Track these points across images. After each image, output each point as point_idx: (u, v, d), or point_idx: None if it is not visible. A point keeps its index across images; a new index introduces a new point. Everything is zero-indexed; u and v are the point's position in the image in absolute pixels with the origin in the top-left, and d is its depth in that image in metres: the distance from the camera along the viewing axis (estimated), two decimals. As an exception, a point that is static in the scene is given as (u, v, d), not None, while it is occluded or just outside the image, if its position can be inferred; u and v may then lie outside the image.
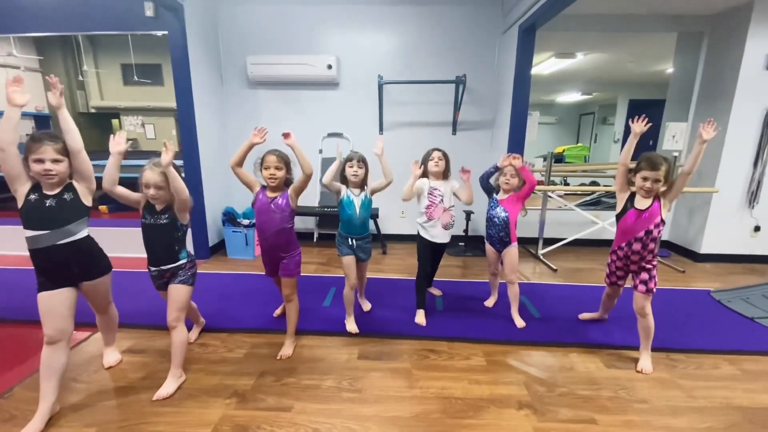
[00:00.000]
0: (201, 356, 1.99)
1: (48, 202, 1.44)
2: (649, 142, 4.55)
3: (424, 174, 2.31)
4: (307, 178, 1.86)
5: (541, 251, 3.65)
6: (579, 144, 10.09)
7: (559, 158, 8.79)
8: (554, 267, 3.39)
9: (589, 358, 2.02)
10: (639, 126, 1.83)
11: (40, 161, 1.40)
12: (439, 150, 2.31)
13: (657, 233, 1.82)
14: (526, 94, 3.25)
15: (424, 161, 2.33)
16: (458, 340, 2.16)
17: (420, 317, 2.33)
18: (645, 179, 1.77)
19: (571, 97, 9.28)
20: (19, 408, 1.59)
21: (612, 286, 2.13)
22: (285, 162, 1.89)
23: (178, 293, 1.70)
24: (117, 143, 1.60)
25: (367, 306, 2.49)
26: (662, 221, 1.80)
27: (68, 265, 1.52)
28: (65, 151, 1.45)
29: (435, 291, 2.75)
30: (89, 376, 1.81)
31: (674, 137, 3.75)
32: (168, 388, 1.68)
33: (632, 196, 1.89)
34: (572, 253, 3.77)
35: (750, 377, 1.87)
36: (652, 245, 1.85)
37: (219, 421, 1.53)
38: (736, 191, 3.43)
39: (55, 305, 1.49)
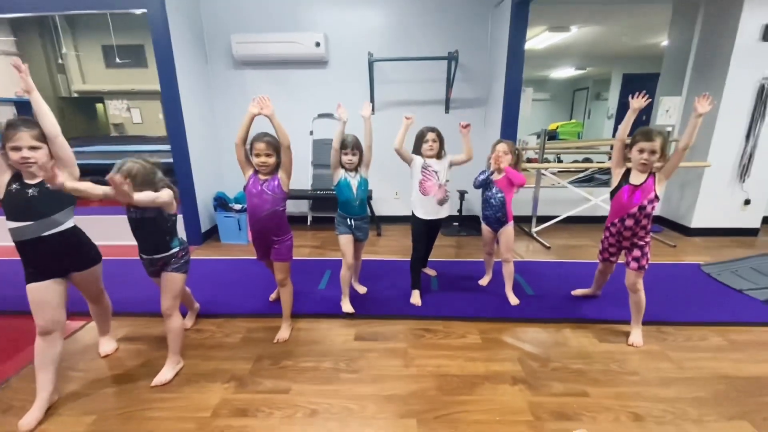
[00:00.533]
0: (197, 342, 1.99)
1: (30, 192, 1.40)
2: (642, 117, 4.50)
3: (417, 151, 2.29)
4: (287, 149, 1.83)
5: (534, 229, 3.67)
6: (573, 120, 10.04)
7: (552, 135, 8.74)
8: (548, 245, 3.41)
9: (582, 333, 2.05)
10: (638, 101, 1.83)
11: (17, 149, 1.34)
12: (432, 131, 2.26)
13: (651, 209, 1.82)
14: (519, 70, 3.18)
15: (418, 141, 2.29)
16: (453, 319, 2.18)
17: (415, 298, 2.34)
18: (641, 151, 1.77)
19: (564, 72, 9.16)
20: (16, 398, 1.59)
21: (605, 262, 2.15)
22: (275, 148, 1.84)
23: (172, 282, 1.68)
24: (53, 178, 1.28)
25: (362, 290, 2.50)
26: (656, 197, 1.81)
27: (56, 256, 1.49)
28: (43, 137, 1.39)
29: (430, 271, 2.76)
30: (86, 365, 1.81)
31: (668, 111, 3.74)
32: (166, 374, 1.68)
33: (627, 172, 1.88)
34: (565, 230, 3.79)
35: (737, 347, 1.92)
36: (645, 221, 1.85)
37: (218, 405, 1.54)
38: (728, 165, 3.44)
39: (46, 297, 1.47)
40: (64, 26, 6.83)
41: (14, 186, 1.39)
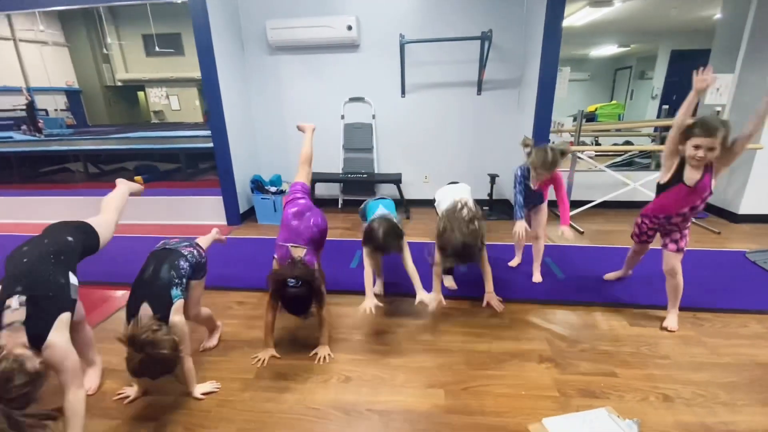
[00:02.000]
0: (242, 313, 2.15)
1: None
2: (673, 96, 4.24)
3: None
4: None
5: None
6: (613, 102, 9.53)
7: (590, 117, 8.38)
8: (581, 229, 3.34)
9: (613, 316, 2.04)
10: (702, 81, 1.54)
11: None
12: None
13: (702, 206, 1.72)
14: (556, 49, 3.07)
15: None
16: (481, 300, 2.21)
17: (449, 281, 2.36)
18: (697, 147, 1.56)
19: (606, 50, 8.67)
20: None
21: (641, 244, 2.10)
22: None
23: (192, 290, 1.63)
24: None
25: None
26: (710, 192, 1.67)
27: None
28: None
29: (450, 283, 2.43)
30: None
31: (718, 90, 3.51)
32: (212, 341, 1.86)
33: (682, 165, 1.67)
34: (601, 215, 3.69)
35: (779, 336, 1.86)
36: (692, 216, 1.78)
37: (260, 369, 1.68)
38: (784, 147, 3.21)
39: None
40: (107, 17, 7.17)
41: None
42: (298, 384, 1.59)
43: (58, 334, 1.20)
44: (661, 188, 1.79)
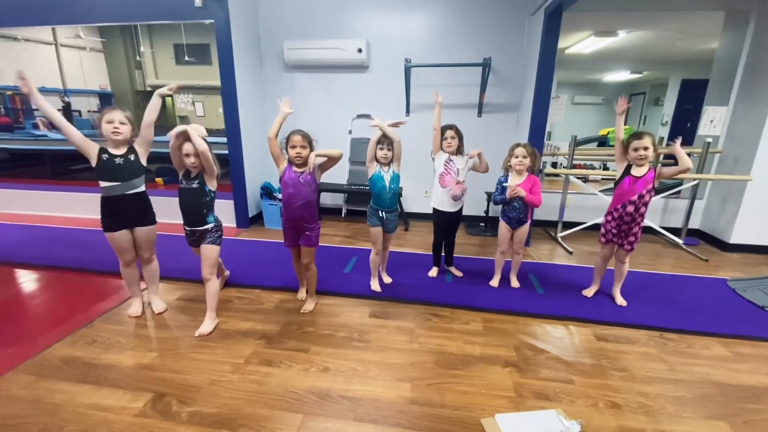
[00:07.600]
0: (239, 306, 2.35)
1: (117, 161, 1.95)
2: (687, 124, 4.36)
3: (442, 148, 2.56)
4: (334, 161, 2.16)
5: (560, 234, 3.72)
6: (626, 126, 9.58)
7: (602, 141, 8.46)
8: (570, 250, 3.46)
9: (582, 330, 2.17)
10: (620, 106, 2.21)
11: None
12: (451, 128, 2.52)
13: (648, 198, 2.16)
14: (549, 79, 3.25)
15: (439, 138, 2.55)
16: (461, 308, 2.37)
17: (432, 272, 2.80)
18: (636, 149, 2.13)
19: (619, 76, 8.77)
20: (98, 335, 2.02)
21: (607, 244, 2.39)
22: (309, 141, 2.14)
23: (209, 252, 2.06)
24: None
25: (388, 280, 2.69)
26: (654, 188, 2.14)
27: (129, 211, 2.02)
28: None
29: (456, 272, 2.86)
30: (151, 317, 2.23)
31: (712, 122, 3.62)
32: (206, 327, 2.06)
33: (629, 167, 2.22)
34: (593, 236, 3.78)
35: (739, 359, 1.95)
36: (643, 209, 2.16)
37: (249, 355, 1.87)
38: (774, 180, 3.28)
39: (122, 242, 2.06)
40: (142, 28, 7.69)
41: (104, 156, 1.90)
42: (281, 371, 1.77)
43: None
44: (615, 184, 2.27)
